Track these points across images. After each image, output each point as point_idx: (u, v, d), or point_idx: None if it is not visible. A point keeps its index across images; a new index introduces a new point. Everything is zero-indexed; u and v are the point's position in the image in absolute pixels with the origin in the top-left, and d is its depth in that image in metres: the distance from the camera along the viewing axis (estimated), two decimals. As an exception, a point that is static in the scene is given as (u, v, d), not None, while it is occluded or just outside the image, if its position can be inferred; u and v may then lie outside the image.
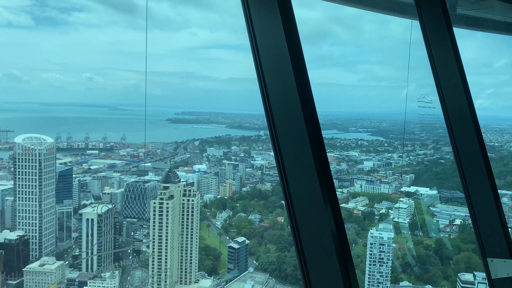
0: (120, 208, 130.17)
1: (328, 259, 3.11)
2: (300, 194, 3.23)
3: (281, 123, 3.27)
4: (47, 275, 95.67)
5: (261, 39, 3.34)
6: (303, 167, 3.19)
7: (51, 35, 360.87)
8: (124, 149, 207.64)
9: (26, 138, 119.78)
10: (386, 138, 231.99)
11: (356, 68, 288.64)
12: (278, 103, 3.29)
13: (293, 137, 3.24)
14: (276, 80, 3.30)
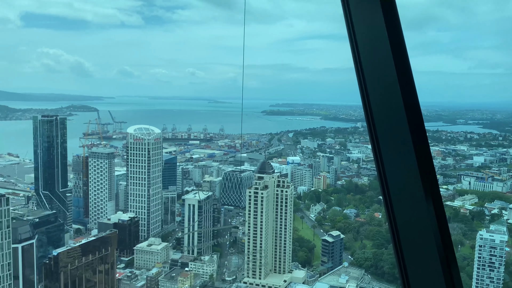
0: (218, 196, 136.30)
1: (430, 260, 2.85)
2: (400, 190, 2.99)
3: (380, 115, 3.04)
4: (154, 255, 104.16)
5: (359, 26, 3.13)
6: (404, 162, 2.94)
7: (158, 33, 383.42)
8: (222, 140, 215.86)
9: (137, 129, 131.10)
10: (500, 131, 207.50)
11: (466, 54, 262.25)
12: (377, 93, 3.06)
13: (393, 130, 2.99)
14: (375, 69, 3.07)
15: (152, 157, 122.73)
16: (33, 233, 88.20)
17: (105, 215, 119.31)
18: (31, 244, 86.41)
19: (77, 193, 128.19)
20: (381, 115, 3.05)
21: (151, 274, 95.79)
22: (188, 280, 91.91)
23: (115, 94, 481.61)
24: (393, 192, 2.99)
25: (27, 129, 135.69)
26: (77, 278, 79.17)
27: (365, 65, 3.09)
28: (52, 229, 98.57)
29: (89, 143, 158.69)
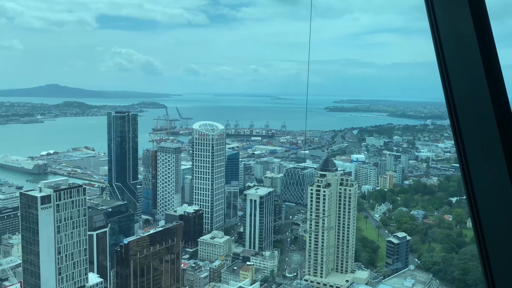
0: (279, 192, 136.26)
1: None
2: (487, 194, 2.66)
3: (465, 112, 2.71)
4: (217, 247, 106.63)
5: (442, 18, 2.81)
6: (491, 163, 2.60)
7: (223, 31, 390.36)
8: (284, 137, 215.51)
9: (202, 125, 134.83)
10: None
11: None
12: (462, 88, 2.74)
13: (479, 128, 2.66)
14: (460, 63, 2.75)
15: (216, 152, 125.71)
16: (106, 222, 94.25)
17: (172, 207, 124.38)
18: (105, 232, 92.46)
19: (146, 185, 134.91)
20: (467, 113, 2.74)
21: (214, 266, 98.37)
22: (250, 274, 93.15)
23: (182, 92, 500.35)
24: (480, 197, 2.66)
25: (102, 124, 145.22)
26: (145, 266, 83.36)
27: (449, 59, 2.79)
28: (123, 218, 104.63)
29: (158, 138, 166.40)
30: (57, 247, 75.36)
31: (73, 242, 77.74)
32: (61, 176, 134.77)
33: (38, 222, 73.25)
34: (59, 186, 78.46)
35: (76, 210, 78.10)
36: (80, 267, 78.77)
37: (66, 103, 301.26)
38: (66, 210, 76.93)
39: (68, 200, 77.28)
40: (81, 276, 78.78)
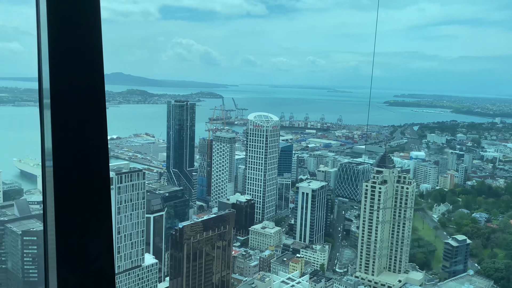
0: (333, 187, 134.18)
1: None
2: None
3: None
4: (267, 237, 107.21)
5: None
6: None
7: (281, 21, 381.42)
8: (340, 130, 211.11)
9: (256, 116, 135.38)
10: None
11: None
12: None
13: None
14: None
15: (269, 143, 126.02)
16: (163, 206, 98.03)
17: (225, 195, 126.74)
18: (161, 216, 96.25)
19: (201, 173, 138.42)
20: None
21: (264, 256, 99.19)
22: (299, 266, 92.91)
23: (238, 82, 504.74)
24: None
25: (162, 112, 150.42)
26: (198, 251, 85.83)
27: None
28: (179, 203, 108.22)
29: (214, 128, 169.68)
30: (117, 227, 79.64)
31: (131, 224, 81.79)
32: (123, 160, 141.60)
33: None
34: (121, 169, 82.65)
35: (135, 193, 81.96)
36: (137, 248, 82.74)
37: (129, 91, 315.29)
38: (127, 193, 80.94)
39: (128, 183, 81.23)
40: (138, 256, 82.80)
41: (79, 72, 2.63)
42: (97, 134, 2.66)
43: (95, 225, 2.64)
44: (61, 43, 2.60)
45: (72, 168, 2.58)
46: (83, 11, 2.66)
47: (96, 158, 2.65)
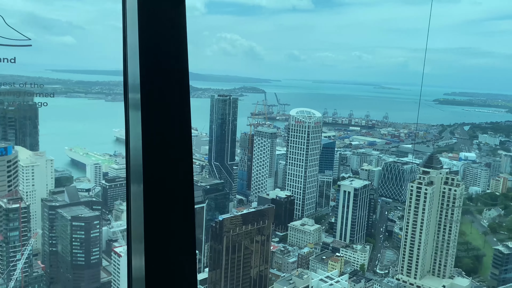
0: (376, 186, 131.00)
1: None
2: None
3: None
4: (306, 235, 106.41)
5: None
6: None
7: (327, 16, 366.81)
8: (385, 128, 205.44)
9: (298, 112, 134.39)
10: None
11: None
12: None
13: None
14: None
15: (311, 140, 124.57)
16: (204, 198, 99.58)
17: (265, 190, 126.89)
18: (202, 207, 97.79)
19: (242, 167, 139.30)
20: None
21: (303, 253, 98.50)
22: (338, 265, 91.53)
23: (281, 77, 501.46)
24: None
25: (205, 106, 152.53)
26: (236, 244, 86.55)
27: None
28: (219, 196, 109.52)
29: (255, 123, 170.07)
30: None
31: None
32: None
33: (145, 192, 79.83)
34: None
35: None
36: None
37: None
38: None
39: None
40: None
41: (167, 69, 2.71)
42: (182, 131, 2.76)
43: (179, 219, 2.73)
44: (151, 41, 2.67)
45: (161, 164, 2.66)
46: (170, 9, 2.74)
47: (181, 154, 2.73)
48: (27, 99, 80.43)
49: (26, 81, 46.84)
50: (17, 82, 52.69)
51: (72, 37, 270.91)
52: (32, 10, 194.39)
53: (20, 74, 48.00)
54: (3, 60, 11.17)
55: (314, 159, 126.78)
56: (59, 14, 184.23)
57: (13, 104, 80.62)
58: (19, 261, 69.86)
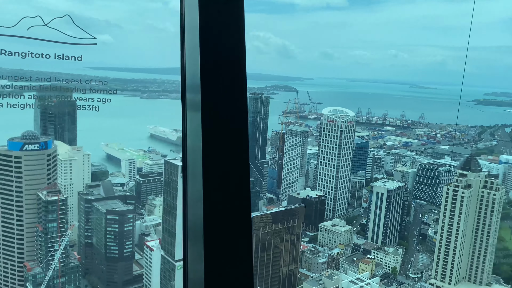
0: (410, 188, 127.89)
1: None
2: None
3: None
4: (337, 235, 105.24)
5: None
6: None
7: (362, 13, 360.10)
8: (421, 129, 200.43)
9: (331, 110, 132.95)
10: None
11: None
12: None
13: None
14: None
15: (344, 139, 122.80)
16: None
17: (295, 189, 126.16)
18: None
19: (272, 165, 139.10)
20: None
21: (333, 254, 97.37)
22: (369, 267, 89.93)
23: (314, 76, 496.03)
24: None
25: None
26: (266, 242, 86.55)
27: None
28: (253, 193, 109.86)
29: (287, 121, 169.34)
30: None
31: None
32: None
33: (178, 188, 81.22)
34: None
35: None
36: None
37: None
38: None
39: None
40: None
41: (227, 69, 2.77)
42: (239, 131, 2.76)
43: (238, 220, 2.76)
44: (211, 41, 2.73)
45: (220, 164, 2.71)
46: (230, 10, 2.79)
47: (239, 153, 2.77)
48: (66, 95, 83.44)
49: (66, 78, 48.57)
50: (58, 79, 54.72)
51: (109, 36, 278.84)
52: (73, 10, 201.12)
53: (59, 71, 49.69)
54: (71, 58, 11.70)
55: (346, 159, 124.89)
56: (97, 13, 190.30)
57: (53, 100, 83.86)
58: (57, 251, 72.58)
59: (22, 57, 12.82)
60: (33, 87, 43.39)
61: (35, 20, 14.14)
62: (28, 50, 12.53)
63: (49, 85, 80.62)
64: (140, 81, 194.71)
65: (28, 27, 14.33)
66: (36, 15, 14.05)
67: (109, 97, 15.09)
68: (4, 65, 15.72)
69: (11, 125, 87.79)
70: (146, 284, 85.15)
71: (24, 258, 74.16)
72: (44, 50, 12.59)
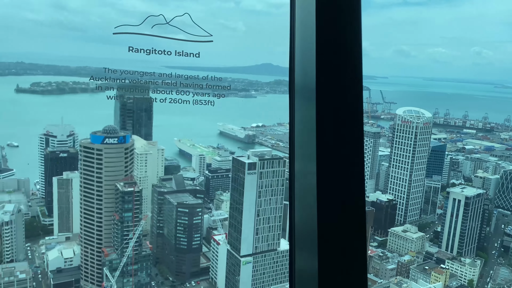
0: (492, 196, 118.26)
1: None
2: None
3: None
4: (408, 242, 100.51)
5: None
6: None
7: (443, 9, 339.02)
8: (507, 132, 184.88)
9: (406, 111, 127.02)
10: None
11: None
12: None
13: None
14: None
15: (419, 141, 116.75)
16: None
17: (365, 192, 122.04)
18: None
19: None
20: None
21: (403, 260, 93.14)
22: (443, 277, 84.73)
23: (388, 74, 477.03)
24: None
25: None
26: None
27: None
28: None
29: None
30: (257, 210, 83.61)
31: (270, 208, 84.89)
32: (266, 147, 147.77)
33: (244, 185, 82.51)
34: (264, 156, 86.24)
35: (275, 180, 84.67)
36: (274, 232, 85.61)
37: (277, 81, 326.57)
38: (267, 178, 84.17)
39: (270, 170, 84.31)
40: (274, 240, 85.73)
41: (341, 71, 2.71)
42: (355, 132, 2.73)
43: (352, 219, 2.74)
44: (327, 42, 2.72)
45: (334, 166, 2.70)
46: (347, 10, 2.77)
47: (353, 155, 2.73)
48: (144, 93, 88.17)
49: (144, 76, 51.19)
50: (136, 77, 57.95)
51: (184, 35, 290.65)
52: (150, 11, 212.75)
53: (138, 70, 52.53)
54: (190, 55, 12.53)
55: (421, 163, 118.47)
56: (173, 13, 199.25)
57: (131, 97, 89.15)
58: (131, 239, 77.09)
59: (147, 54, 13.22)
60: (112, 85, 46.29)
61: (158, 18, 15.28)
62: (152, 47, 13.56)
63: (127, 84, 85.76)
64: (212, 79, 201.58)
65: (152, 25, 15.49)
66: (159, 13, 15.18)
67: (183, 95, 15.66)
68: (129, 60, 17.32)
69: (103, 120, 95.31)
70: (213, 277, 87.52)
71: (102, 244, 79.79)
72: (165, 47, 13.69)
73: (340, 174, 2.63)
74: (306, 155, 2.67)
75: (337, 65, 2.65)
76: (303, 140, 2.72)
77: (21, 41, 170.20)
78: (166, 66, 19.79)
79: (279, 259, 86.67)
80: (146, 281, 79.87)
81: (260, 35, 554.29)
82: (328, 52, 2.62)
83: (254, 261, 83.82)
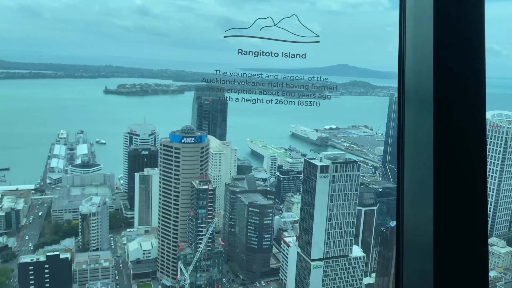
0: None
1: None
2: None
3: None
4: (494, 256, 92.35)
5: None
6: None
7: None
8: None
9: (495, 114, 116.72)
10: None
11: None
12: None
13: None
14: None
15: (509, 148, 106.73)
16: (375, 201, 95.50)
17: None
18: (373, 210, 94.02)
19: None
20: None
21: (489, 277, 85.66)
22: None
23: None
24: None
25: (383, 105, 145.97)
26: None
27: None
28: (392, 201, 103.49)
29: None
30: (329, 214, 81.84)
31: (342, 213, 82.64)
32: (339, 150, 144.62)
33: (316, 188, 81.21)
34: (337, 159, 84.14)
35: (349, 184, 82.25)
36: (346, 238, 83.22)
37: (352, 82, 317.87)
38: (340, 182, 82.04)
39: (343, 173, 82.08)
40: (346, 246, 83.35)
41: (463, 77, 2.51)
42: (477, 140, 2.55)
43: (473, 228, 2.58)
44: (447, 44, 2.56)
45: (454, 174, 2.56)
46: (469, 12, 2.58)
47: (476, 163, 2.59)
48: (219, 94, 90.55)
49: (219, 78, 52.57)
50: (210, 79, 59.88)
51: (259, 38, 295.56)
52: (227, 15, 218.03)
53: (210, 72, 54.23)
54: (296, 56, 12.84)
55: (511, 171, 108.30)
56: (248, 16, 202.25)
57: (208, 99, 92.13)
58: (204, 236, 79.51)
59: (255, 56, 13.63)
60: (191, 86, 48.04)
61: (267, 21, 15.77)
62: (260, 49, 14.00)
63: (205, 85, 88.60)
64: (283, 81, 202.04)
65: (260, 27, 16.00)
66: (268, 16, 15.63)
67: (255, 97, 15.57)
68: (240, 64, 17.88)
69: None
70: (282, 279, 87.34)
71: (178, 238, 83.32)
72: (273, 48, 14.04)
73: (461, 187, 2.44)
74: (419, 164, 2.44)
75: (458, 71, 2.39)
76: (415, 149, 2.45)
77: (110, 45, 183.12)
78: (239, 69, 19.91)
79: (350, 265, 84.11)
80: (217, 277, 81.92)
81: (336, 35, 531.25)
82: (448, 56, 2.38)
83: (324, 266, 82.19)
